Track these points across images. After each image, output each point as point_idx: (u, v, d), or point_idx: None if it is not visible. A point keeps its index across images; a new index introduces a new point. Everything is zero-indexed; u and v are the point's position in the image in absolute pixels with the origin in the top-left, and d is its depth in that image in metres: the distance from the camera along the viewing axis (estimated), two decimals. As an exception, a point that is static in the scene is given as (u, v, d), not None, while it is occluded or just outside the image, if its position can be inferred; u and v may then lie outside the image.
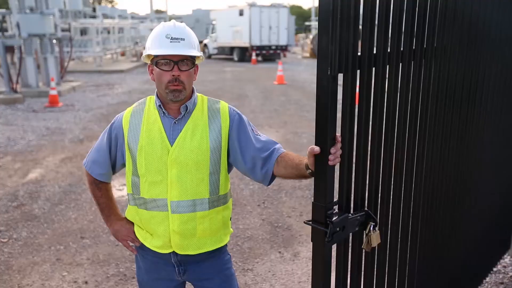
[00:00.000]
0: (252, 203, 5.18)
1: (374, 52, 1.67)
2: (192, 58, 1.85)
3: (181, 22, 1.96)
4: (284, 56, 29.97)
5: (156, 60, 1.83)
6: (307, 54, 31.30)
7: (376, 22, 1.65)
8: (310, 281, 3.50)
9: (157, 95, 1.94)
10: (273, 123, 9.43)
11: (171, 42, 1.81)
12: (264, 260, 3.90)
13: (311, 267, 3.67)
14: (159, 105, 1.91)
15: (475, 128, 2.62)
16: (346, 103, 1.61)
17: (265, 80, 17.18)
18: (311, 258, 1.67)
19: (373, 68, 1.69)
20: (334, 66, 1.48)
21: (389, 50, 1.75)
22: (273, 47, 27.14)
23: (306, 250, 4.04)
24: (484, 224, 3.15)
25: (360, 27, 1.60)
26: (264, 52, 26.93)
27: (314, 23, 38.40)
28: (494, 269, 3.57)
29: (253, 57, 25.77)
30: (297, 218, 4.76)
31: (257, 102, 12.23)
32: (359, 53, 1.60)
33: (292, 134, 8.47)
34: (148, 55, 1.88)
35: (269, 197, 5.37)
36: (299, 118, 10.02)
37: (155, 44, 1.83)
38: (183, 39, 1.83)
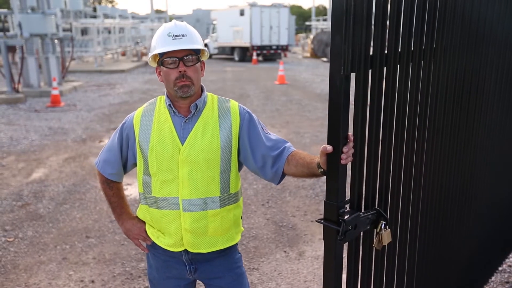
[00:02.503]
0: (256, 203, 5.19)
1: (385, 51, 1.69)
2: (197, 53, 1.87)
3: (182, 22, 1.98)
4: (285, 56, 30.00)
5: (162, 60, 1.85)
6: (308, 54, 31.32)
7: (388, 22, 1.66)
8: (316, 280, 3.54)
9: (167, 94, 1.95)
10: (275, 123, 9.44)
11: (173, 39, 1.83)
12: (269, 259, 3.91)
13: (316, 266, 3.72)
14: (169, 104, 1.92)
15: (483, 127, 2.64)
16: (358, 102, 1.62)
17: (266, 80, 17.19)
18: (323, 256, 1.68)
19: (384, 68, 1.70)
20: (347, 66, 1.49)
21: (399, 50, 1.76)
22: (274, 47, 27.17)
23: (311, 250, 4.05)
24: (490, 223, 3.17)
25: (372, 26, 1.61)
26: (264, 52, 26.96)
27: (314, 23, 38.42)
28: (500, 268, 3.58)
29: (254, 57, 25.78)
30: (301, 217, 4.77)
31: (259, 102, 12.24)
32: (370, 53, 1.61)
33: (295, 134, 8.48)
34: (154, 58, 1.91)
35: (273, 196, 5.38)
36: (301, 118, 10.04)
37: (159, 44, 1.86)
38: (185, 35, 1.85)
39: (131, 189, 5.53)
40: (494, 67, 2.64)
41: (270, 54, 27.26)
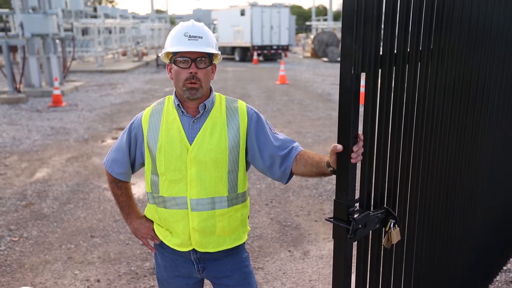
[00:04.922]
0: (260, 202, 5.20)
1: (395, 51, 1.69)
2: (210, 57, 1.88)
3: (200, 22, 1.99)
4: (285, 56, 30.03)
5: (175, 58, 1.86)
6: (308, 54, 31.34)
7: (397, 22, 1.67)
8: (321, 279, 3.55)
9: (175, 94, 1.96)
10: (277, 123, 9.45)
11: (189, 40, 1.84)
12: (274, 258, 3.92)
13: (321, 265, 3.74)
14: (178, 104, 1.93)
15: (489, 127, 2.65)
16: (368, 101, 1.63)
17: (267, 80, 17.20)
18: (332, 254, 1.69)
19: (394, 67, 1.71)
20: (358, 65, 1.50)
21: (408, 50, 1.77)
22: (275, 47, 27.20)
23: (315, 249, 4.06)
24: (496, 223, 3.18)
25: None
26: (265, 52, 26.99)
27: (314, 23, 38.44)
28: (504, 267, 3.59)
29: (255, 57, 25.80)
30: (305, 217, 4.78)
31: (260, 102, 12.25)
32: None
33: (297, 134, 8.49)
34: (167, 55, 1.92)
35: (277, 196, 5.39)
36: (302, 118, 10.04)
37: (174, 42, 1.86)
38: (201, 37, 1.86)
39: (135, 189, 5.54)
40: (501, 66, 2.65)
41: (270, 54, 27.29)
